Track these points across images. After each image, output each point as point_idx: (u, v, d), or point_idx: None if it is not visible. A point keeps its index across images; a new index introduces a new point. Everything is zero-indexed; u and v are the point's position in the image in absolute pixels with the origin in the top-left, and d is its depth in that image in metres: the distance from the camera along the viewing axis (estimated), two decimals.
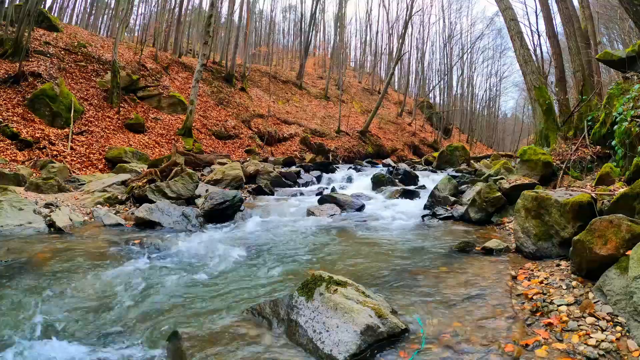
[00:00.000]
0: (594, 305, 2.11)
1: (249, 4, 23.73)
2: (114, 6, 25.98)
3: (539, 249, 3.18)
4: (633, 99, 4.74)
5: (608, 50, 7.10)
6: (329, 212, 5.73)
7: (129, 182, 6.66)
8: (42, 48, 12.47)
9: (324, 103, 25.11)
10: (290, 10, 44.38)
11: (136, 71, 14.90)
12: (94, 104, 11.74)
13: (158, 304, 2.52)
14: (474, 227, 4.69)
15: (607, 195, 3.51)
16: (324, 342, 1.85)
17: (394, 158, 20.41)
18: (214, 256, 3.59)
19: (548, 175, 5.97)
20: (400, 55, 24.22)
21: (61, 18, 22.14)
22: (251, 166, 9.03)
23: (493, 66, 40.17)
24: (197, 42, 26.73)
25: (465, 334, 1.98)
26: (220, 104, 17.67)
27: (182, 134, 12.83)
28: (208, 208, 5.26)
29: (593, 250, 2.34)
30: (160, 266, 3.25)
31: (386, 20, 35.71)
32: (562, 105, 9.24)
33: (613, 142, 4.95)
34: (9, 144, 8.29)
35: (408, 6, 22.95)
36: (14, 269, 3.04)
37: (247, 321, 2.18)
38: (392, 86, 33.62)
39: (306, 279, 2.24)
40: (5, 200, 4.61)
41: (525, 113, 38.28)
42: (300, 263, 3.42)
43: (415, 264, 3.25)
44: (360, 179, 9.81)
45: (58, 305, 2.46)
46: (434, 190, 6.26)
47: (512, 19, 9.16)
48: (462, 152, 14.23)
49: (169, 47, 21.36)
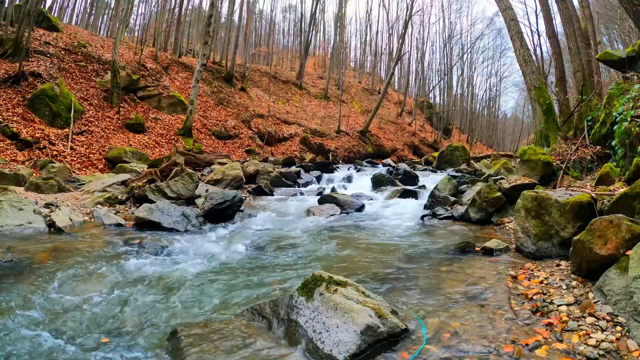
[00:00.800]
0: (594, 305, 2.11)
1: (249, 4, 23.75)
2: (114, 6, 25.97)
3: (539, 249, 3.18)
4: (633, 99, 4.74)
5: (608, 50, 7.09)
6: (329, 212, 5.73)
7: (129, 182, 6.67)
8: (42, 48, 12.47)
9: (324, 103, 25.11)
10: (290, 10, 44.43)
11: (136, 71, 14.89)
12: (94, 104, 11.74)
13: (158, 304, 2.52)
14: (474, 227, 4.69)
15: (607, 195, 3.51)
16: (324, 342, 1.85)
17: (394, 158, 20.41)
18: (213, 256, 3.59)
19: (548, 175, 5.97)
20: (400, 55, 24.21)
21: (61, 18, 22.13)
22: (251, 166, 9.04)
23: (493, 66, 40.20)
24: (197, 42, 26.73)
25: (465, 334, 1.98)
26: (220, 104, 17.67)
27: (182, 134, 12.83)
28: (208, 208, 5.26)
29: (593, 250, 2.34)
30: (160, 266, 3.25)
31: (386, 20, 35.75)
32: (562, 105, 9.23)
33: (613, 142, 4.95)
34: (9, 144, 8.29)
35: (408, 6, 22.96)
36: (14, 268, 3.04)
37: (247, 321, 2.18)
38: (392, 86, 33.61)
39: (306, 279, 2.24)
40: (5, 200, 4.61)
41: (525, 113, 38.29)
42: (300, 263, 3.42)
43: (415, 263, 3.25)
44: (360, 179, 9.81)
45: (58, 304, 2.46)
46: (434, 190, 6.26)
47: (512, 19, 9.17)
48: (462, 152, 14.23)
49: (169, 47, 21.35)
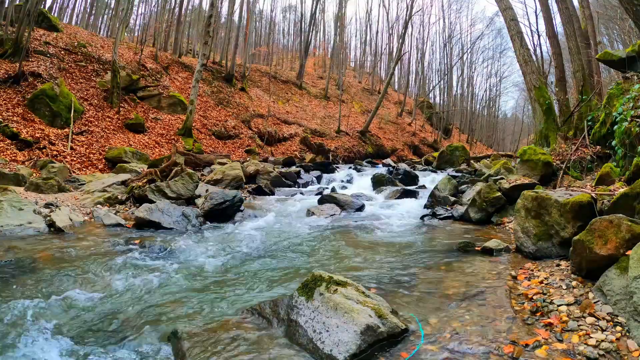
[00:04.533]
0: (594, 305, 2.11)
1: (249, 4, 23.74)
2: (114, 6, 25.98)
3: (539, 249, 3.18)
4: (633, 99, 4.74)
5: (608, 50, 7.09)
6: (329, 212, 5.73)
7: (129, 182, 6.67)
8: (42, 48, 12.47)
9: (324, 103, 25.11)
10: (290, 10, 44.43)
11: (136, 71, 14.89)
12: (94, 104, 11.74)
13: (158, 304, 2.52)
14: (474, 227, 4.69)
15: (607, 195, 3.51)
16: (324, 342, 1.85)
17: (394, 158, 20.42)
18: (213, 256, 3.59)
19: (548, 175, 5.97)
20: (400, 55, 24.21)
21: (61, 18, 22.14)
22: (251, 166, 9.03)
23: (493, 66, 40.22)
24: (197, 42, 26.72)
25: (465, 334, 1.98)
26: (220, 104, 17.67)
27: (182, 134, 12.83)
28: (208, 208, 5.26)
29: (593, 250, 2.34)
30: (160, 266, 3.25)
31: (386, 20, 35.79)
32: (562, 105, 9.24)
33: (613, 142, 4.95)
34: (9, 144, 8.29)
35: (408, 6, 22.96)
36: (14, 268, 3.04)
37: (247, 321, 2.18)
38: (392, 86, 33.61)
39: (306, 279, 2.24)
40: (5, 200, 4.61)
41: (525, 113, 38.29)
42: (300, 263, 3.42)
43: (415, 263, 3.25)
44: (360, 179, 9.81)
45: (58, 304, 2.46)
46: (434, 190, 6.27)
47: (512, 19, 9.17)
48: (462, 152, 14.24)
49: (169, 47, 21.35)
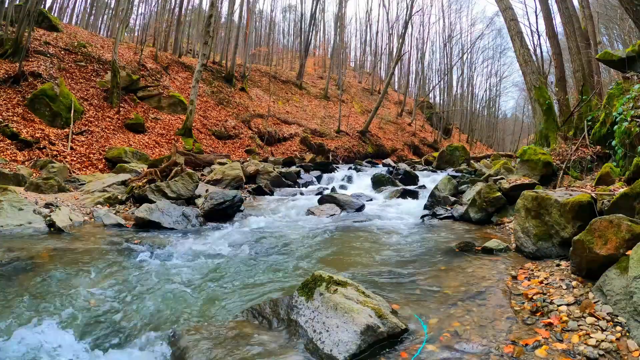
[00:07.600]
0: (594, 305, 2.11)
1: (249, 4, 23.74)
2: (114, 6, 25.99)
3: (539, 249, 3.18)
4: (633, 99, 4.73)
5: (608, 50, 7.09)
6: (329, 212, 5.72)
7: (129, 182, 6.67)
8: (42, 48, 12.47)
9: (324, 103, 25.10)
10: (290, 10, 44.42)
11: (136, 71, 14.89)
12: (94, 104, 11.74)
13: (158, 304, 2.52)
14: (474, 227, 4.69)
15: (607, 195, 3.51)
16: (324, 342, 1.85)
17: (394, 158, 20.40)
18: (213, 256, 3.59)
19: (548, 175, 5.97)
20: (400, 55, 24.20)
21: (61, 18, 22.13)
22: (251, 166, 9.03)
23: (493, 66, 40.25)
24: (197, 42, 26.72)
25: (465, 333, 1.98)
26: (220, 104, 17.67)
27: (182, 134, 12.83)
28: (208, 208, 5.26)
29: (593, 250, 2.34)
30: (160, 266, 3.25)
31: (386, 20, 35.73)
32: (562, 105, 9.24)
33: (613, 142, 4.95)
34: (9, 144, 8.29)
35: (408, 6, 22.94)
36: (14, 268, 3.04)
37: (247, 321, 2.18)
38: (392, 86, 33.62)
39: (306, 279, 2.24)
40: (5, 200, 4.60)
41: (525, 113, 38.34)
42: (300, 263, 3.42)
43: (415, 263, 3.25)
44: (360, 179, 9.81)
45: (58, 305, 2.46)
46: (434, 190, 6.26)
47: (512, 19, 9.17)
48: (462, 152, 14.22)
49: (169, 47, 21.34)
